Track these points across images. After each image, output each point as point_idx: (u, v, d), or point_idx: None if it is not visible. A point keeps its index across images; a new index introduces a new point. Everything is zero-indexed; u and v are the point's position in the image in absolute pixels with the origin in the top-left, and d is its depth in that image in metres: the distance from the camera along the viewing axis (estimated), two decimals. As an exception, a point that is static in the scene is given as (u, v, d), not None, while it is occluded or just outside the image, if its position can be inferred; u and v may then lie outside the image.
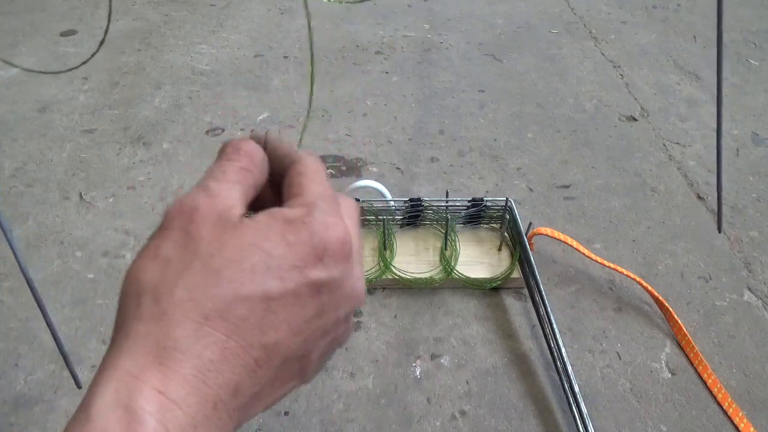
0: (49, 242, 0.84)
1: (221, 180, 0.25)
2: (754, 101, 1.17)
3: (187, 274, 0.22)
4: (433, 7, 1.56)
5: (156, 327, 0.21)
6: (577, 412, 0.60)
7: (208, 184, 0.24)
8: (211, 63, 1.30)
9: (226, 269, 0.22)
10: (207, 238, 0.22)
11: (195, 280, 0.21)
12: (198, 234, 0.22)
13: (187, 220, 0.23)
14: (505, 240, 0.82)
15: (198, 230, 0.23)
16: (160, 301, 0.21)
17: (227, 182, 0.25)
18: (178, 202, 0.24)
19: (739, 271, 0.81)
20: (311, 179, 0.26)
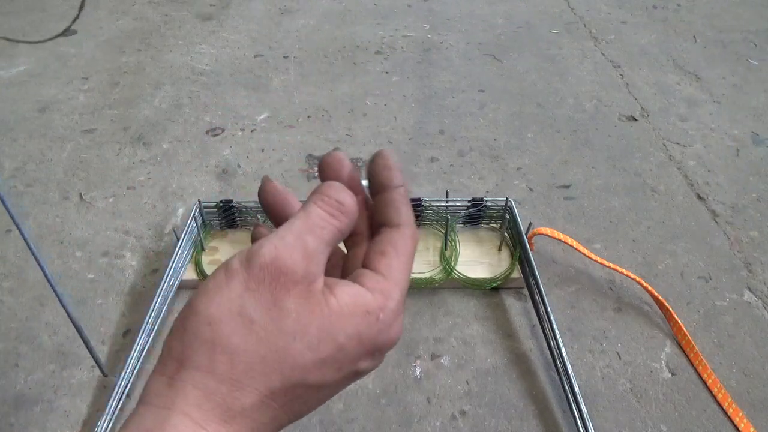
0: (49, 242, 0.84)
1: (318, 238, 0.24)
2: (754, 101, 1.17)
3: (266, 347, 0.22)
4: (433, 7, 1.56)
5: (227, 390, 0.22)
6: (577, 412, 0.60)
7: (307, 242, 0.23)
8: (211, 63, 1.30)
9: (302, 355, 0.23)
10: (293, 314, 0.22)
11: (273, 355, 0.22)
12: (286, 305, 0.22)
13: (277, 284, 0.22)
14: (505, 240, 0.82)
15: (286, 300, 0.22)
16: (235, 365, 0.22)
17: (323, 243, 0.24)
18: (272, 253, 0.22)
19: (739, 271, 0.81)
20: (401, 259, 0.26)
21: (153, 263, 0.81)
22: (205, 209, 0.81)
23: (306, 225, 0.23)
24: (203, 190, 0.94)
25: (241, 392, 0.22)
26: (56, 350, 0.70)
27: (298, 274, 0.22)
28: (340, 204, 0.24)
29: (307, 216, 0.24)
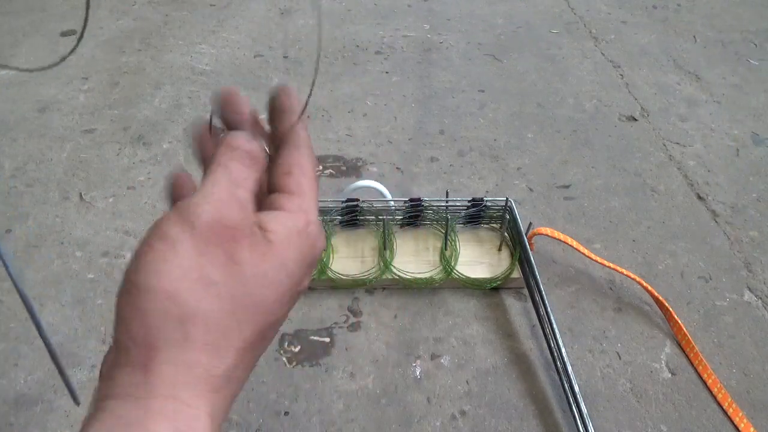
0: (49, 242, 0.84)
1: (246, 190, 0.24)
2: (754, 101, 1.17)
3: (234, 302, 0.22)
4: (433, 7, 1.56)
5: (207, 358, 0.21)
6: (577, 412, 0.60)
7: (239, 195, 0.24)
8: (211, 63, 1.30)
9: (266, 298, 0.23)
10: (249, 264, 0.22)
11: (241, 308, 0.22)
12: (240, 257, 0.22)
13: (228, 239, 0.22)
14: (505, 240, 0.82)
15: (241, 253, 0.22)
16: (210, 330, 0.21)
17: (250, 193, 0.24)
18: (214, 212, 0.22)
19: (739, 271, 0.81)
20: (307, 175, 0.26)
21: (153, 263, 0.81)
22: (205, 209, 0.80)
23: (231, 180, 0.24)
24: (203, 190, 0.94)
25: (220, 355, 0.21)
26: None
27: (242, 227, 0.23)
28: (253, 154, 0.25)
29: (230, 172, 0.24)
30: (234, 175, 0.24)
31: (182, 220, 0.22)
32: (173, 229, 0.22)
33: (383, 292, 0.78)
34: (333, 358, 0.70)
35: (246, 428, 0.62)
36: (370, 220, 0.82)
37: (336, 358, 0.70)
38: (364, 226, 0.83)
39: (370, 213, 0.81)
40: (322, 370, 0.68)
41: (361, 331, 0.73)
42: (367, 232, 0.83)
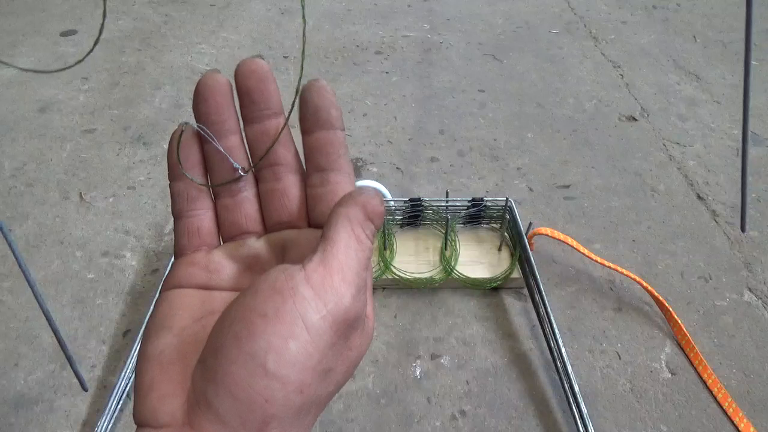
0: (49, 242, 0.84)
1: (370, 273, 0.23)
2: (754, 101, 1.17)
3: (337, 385, 0.22)
4: (433, 7, 1.56)
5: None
6: (577, 412, 0.60)
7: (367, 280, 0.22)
8: (211, 63, 1.30)
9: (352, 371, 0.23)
10: (358, 349, 0.22)
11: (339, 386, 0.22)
12: (353, 344, 0.22)
13: (350, 331, 0.21)
14: (505, 240, 0.82)
15: (353, 340, 0.22)
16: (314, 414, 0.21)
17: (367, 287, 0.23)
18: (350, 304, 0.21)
19: (739, 271, 0.81)
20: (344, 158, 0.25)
21: (153, 263, 0.81)
22: (205, 209, 0.80)
23: (362, 261, 0.22)
24: (203, 190, 0.94)
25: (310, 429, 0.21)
26: (56, 350, 0.70)
27: (363, 314, 0.22)
28: (376, 217, 0.23)
29: (362, 248, 0.22)
30: (365, 255, 0.22)
31: (325, 307, 0.20)
32: (316, 318, 0.20)
33: (383, 292, 0.78)
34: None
35: (246, 428, 0.62)
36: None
37: (336, 358, 0.70)
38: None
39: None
40: (322, 370, 0.68)
41: (361, 331, 0.73)
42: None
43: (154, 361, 0.22)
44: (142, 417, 0.21)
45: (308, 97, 0.25)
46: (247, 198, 0.26)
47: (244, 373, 0.19)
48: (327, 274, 0.20)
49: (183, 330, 0.23)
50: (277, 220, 0.26)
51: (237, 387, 0.19)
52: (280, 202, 0.26)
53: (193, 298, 0.24)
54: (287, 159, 0.26)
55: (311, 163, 0.25)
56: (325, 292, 0.20)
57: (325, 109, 0.24)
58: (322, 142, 0.25)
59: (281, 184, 0.26)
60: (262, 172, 0.26)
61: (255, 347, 0.19)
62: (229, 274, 0.25)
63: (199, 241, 0.26)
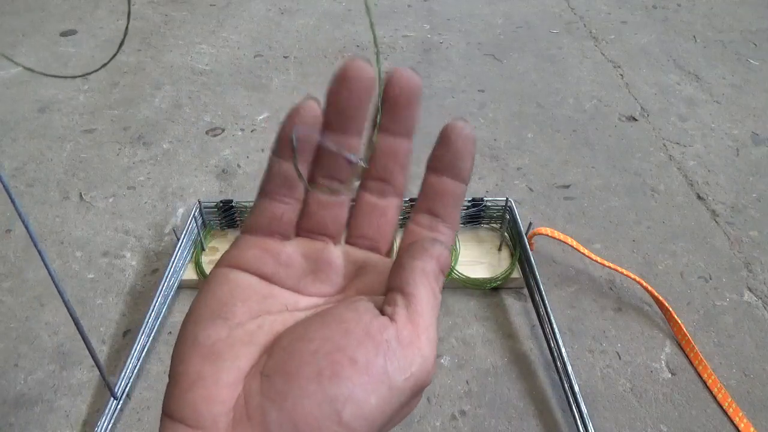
0: (49, 242, 0.84)
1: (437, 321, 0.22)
2: (754, 101, 1.17)
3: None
4: (433, 7, 1.56)
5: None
6: (577, 412, 0.60)
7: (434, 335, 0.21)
8: (211, 63, 1.30)
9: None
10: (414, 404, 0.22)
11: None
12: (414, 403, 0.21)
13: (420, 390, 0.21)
14: (505, 240, 0.82)
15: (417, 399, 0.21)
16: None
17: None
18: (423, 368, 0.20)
19: (739, 271, 0.81)
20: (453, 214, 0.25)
21: (153, 263, 0.81)
22: (205, 209, 0.81)
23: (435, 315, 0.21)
24: (203, 190, 0.94)
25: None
26: (56, 350, 0.70)
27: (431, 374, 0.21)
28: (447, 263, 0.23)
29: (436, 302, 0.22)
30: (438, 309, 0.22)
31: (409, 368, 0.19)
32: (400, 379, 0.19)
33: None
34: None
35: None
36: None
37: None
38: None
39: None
40: (322, 370, 0.68)
41: (361, 331, 0.73)
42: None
43: (205, 353, 0.21)
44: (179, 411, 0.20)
45: (453, 139, 0.24)
46: (344, 202, 0.25)
47: (317, 413, 0.18)
48: (415, 334, 0.20)
49: (238, 326, 0.21)
50: (362, 234, 0.25)
51: (304, 423, 0.18)
52: (375, 219, 0.25)
53: (255, 290, 0.23)
54: (398, 182, 0.25)
55: (426, 203, 0.25)
56: (412, 353, 0.20)
57: (464, 159, 0.24)
58: (448, 189, 0.25)
59: (384, 203, 0.25)
60: (369, 183, 0.25)
61: (336, 392, 0.18)
62: (298, 272, 0.24)
63: (277, 228, 0.24)
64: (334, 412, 0.18)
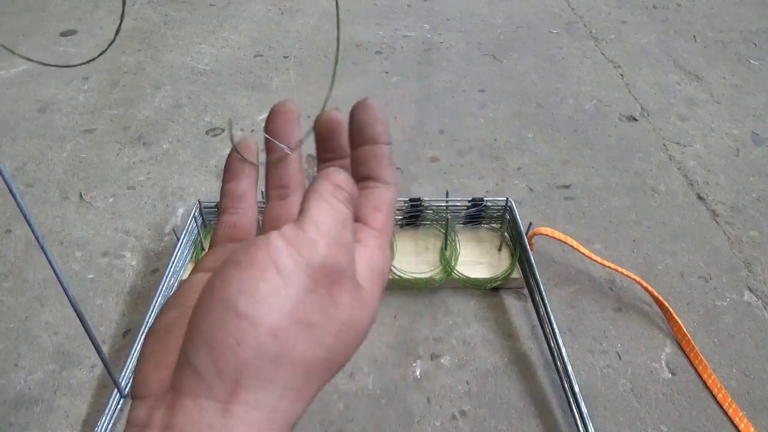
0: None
1: (350, 232, 0.23)
2: (754, 101, 1.17)
3: (327, 348, 0.21)
4: (433, 7, 1.56)
5: (289, 404, 0.20)
6: (577, 412, 0.60)
7: (345, 237, 0.22)
8: (211, 63, 1.30)
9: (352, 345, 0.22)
10: (348, 310, 0.22)
11: (331, 354, 0.21)
12: (341, 302, 0.21)
13: (334, 283, 0.21)
14: (505, 240, 0.82)
15: (342, 297, 0.21)
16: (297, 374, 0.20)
17: (351, 234, 0.23)
18: (329, 252, 0.21)
19: (739, 271, 0.81)
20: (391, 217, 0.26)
21: (153, 263, 0.81)
22: (205, 209, 0.81)
23: (338, 220, 0.22)
24: (203, 190, 0.94)
25: (298, 403, 0.20)
26: (56, 350, 0.70)
27: (348, 271, 0.22)
28: (354, 197, 0.24)
29: (336, 212, 0.23)
30: (341, 216, 0.23)
31: (297, 253, 0.20)
32: (288, 262, 0.20)
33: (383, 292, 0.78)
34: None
35: (246, 428, 0.62)
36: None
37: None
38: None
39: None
40: (322, 370, 0.68)
41: (361, 331, 0.73)
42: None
43: (158, 334, 0.22)
44: (135, 388, 0.21)
45: (355, 114, 0.27)
46: (295, 202, 0.28)
47: (216, 318, 0.19)
48: (301, 230, 0.21)
49: (190, 308, 0.23)
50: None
51: (210, 333, 0.19)
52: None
53: None
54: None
55: (359, 171, 0.27)
56: (299, 243, 0.21)
57: (370, 124, 0.26)
58: (367, 154, 0.26)
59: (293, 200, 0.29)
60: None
61: (227, 293, 0.19)
62: None
63: (233, 233, 0.28)
64: (230, 308, 0.19)
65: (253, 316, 0.19)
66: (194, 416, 0.18)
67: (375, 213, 0.25)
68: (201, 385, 0.19)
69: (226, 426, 0.18)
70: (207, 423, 0.18)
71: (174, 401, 0.19)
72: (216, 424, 0.18)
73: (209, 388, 0.19)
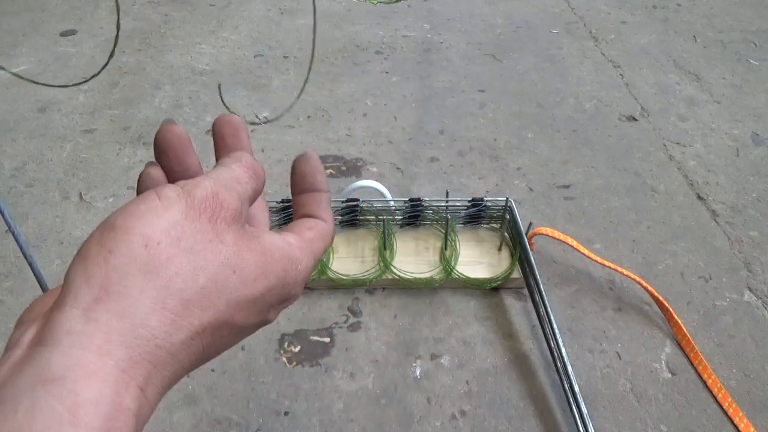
0: (49, 242, 0.84)
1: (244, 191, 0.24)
2: (754, 101, 1.17)
3: (206, 277, 0.21)
4: (433, 7, 1.56)
5: (158, 323, 0.19)
6: (577, 412, 0.60)
7: (238, 188, 0.23)
8: (211, 63, 1.30)
9: (237, 290, 0.22)
10: (233, 247, 0.22)
11: (211, 286, 0.21)
12: (225, 238, 0.22)
13: (217, 217, 0.22)
14: (505, 240, 0.82)
15: (226, 234, 0.22)
16: (171, 294, 0.19)
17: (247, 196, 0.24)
18: (212, 187, 0.22)
19: (739, 271, 0.81)
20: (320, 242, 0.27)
21: (153, 263, 0.81)
22: (205, 209, 0.80)
23: (232, 177, 0.24)
24: (203, 190, 0.94)
25: (173, 327, 0.19)
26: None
27: (236, 211, 0.23)
28: (256, 169, 0.26)
29: (231, 171, 0.24)
30: (236, 174, 0.24)
31: (181, 187, 0.22)
32: (171, 193, 0.21)
33: (383, 292, 0.78)
34: (333, 358, 0.70)
35: (246, 428, 0.62)
36: (370, 220, 0.82)
37: (336, 358, 0.70)
38: (364, 226, 0.83)
39: (370, 213, 0.81)
40: (322, 370, 0.68)
41: (361, 331, 0.73)
42: (367, 232, 0.83)
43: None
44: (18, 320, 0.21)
45: (297, 166, 0.29)
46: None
47: (95, 235, 0.20)
48: (192, 179, 0.23)
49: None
50: None
51: (85, 247, 0.20)
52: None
53: None
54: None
55: (300, 212, 0.29)
56: (186, 184, 0.22)
57: (311, 174, 0.28)
58: (309, 199, 0.29)
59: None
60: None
61: (110, 217, 0.21)
62: None
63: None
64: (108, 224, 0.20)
65: (127, 227, 0.20)
66: (55, 324, 0.18)
67: (305, 229, 0.27)
68: (69, 294, 0.19)
69: (85, 333, 0.18)
70: (66, 329, 0.18)
71: (46, 317, 0.19)
72: (75, 330, 0.18)
73: (75, 297, 0.19)
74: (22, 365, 0.17)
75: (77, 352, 0.17)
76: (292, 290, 0.25)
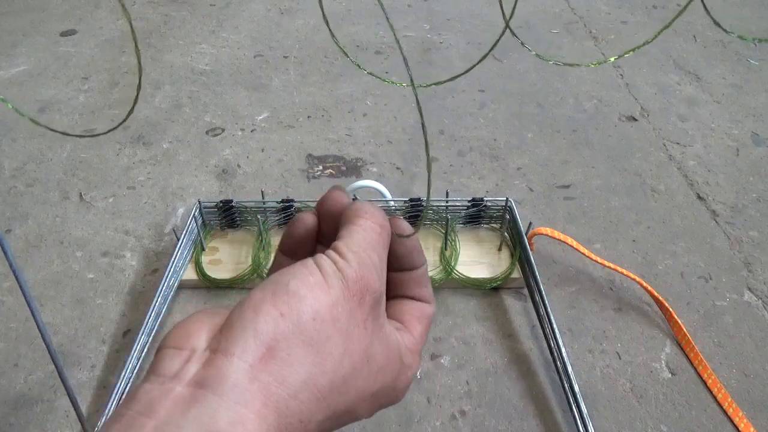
0: (49, 242, 0.84)
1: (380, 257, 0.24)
2: (754, 101, 1.17)
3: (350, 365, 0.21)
4: (433, 7, 1.56)
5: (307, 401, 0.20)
6: (577, 412, 0.60)
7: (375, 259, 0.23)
8: (211, 63, 1.30)
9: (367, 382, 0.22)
10: (370, 336, 0.22)
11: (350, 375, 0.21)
12: (367, 325, 0.22)
13: (363, 300, 0.22)
14: (505, 240, 0.82)
15: (367, 320, 0.22)
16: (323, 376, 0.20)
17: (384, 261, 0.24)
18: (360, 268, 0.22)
19: (739, 271, 0.81)
20: (425, 334, 0.27)
21: (153, 263, 0.81)
22: (205, 209, 0.81)
23: (368, 240, 0.23)
24: (203, 190, 0.94)
25: (317, 406, 0.20)
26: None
27: (378, 295, 0.22)
28: (384, 222, 0.25)
29: (366, 231, 0.24)
30: (371, 236, 0.24)
31: (334, 263, 0.22)
32: (328, 266, 0.22)
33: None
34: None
35: (246, 428, 0.62)
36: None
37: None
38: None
39: (370, 213, 0.81)
40: (322, 370, 0.68)
41: (361, 331, 0.73)
42: (367, 232, 0.83)
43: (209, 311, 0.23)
44: (170, 339, 0.21)
45: (392, 248, 0.27)
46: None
47: (268, 291, 0.21)
48: (333, 251, 0.23)
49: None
50: None
51: (258, 301, 0.20)
52: None
53: None
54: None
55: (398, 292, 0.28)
56: (335, 259, 0.22)
57: (413, 253, 0.27)
58: (407, 278, 0.27)
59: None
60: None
61: (281, 277, 0.21)
62: None
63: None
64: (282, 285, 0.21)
65: (301, 295, 0.20)
66: (223, 372, 0.18)
67: (415, 323, 0.26)
68: (237, 344, 0.19)
69: (249, 391, 0.18)
70: (233, 382, 0.18)
71: (209, 358, 0.19)
72: (240, 385, 0.18)
73: (243, 349, 0.19)
74: (190, 407, 0.18)
75: (242, 410, 0.18)
76: (399, 394, 0.25)
